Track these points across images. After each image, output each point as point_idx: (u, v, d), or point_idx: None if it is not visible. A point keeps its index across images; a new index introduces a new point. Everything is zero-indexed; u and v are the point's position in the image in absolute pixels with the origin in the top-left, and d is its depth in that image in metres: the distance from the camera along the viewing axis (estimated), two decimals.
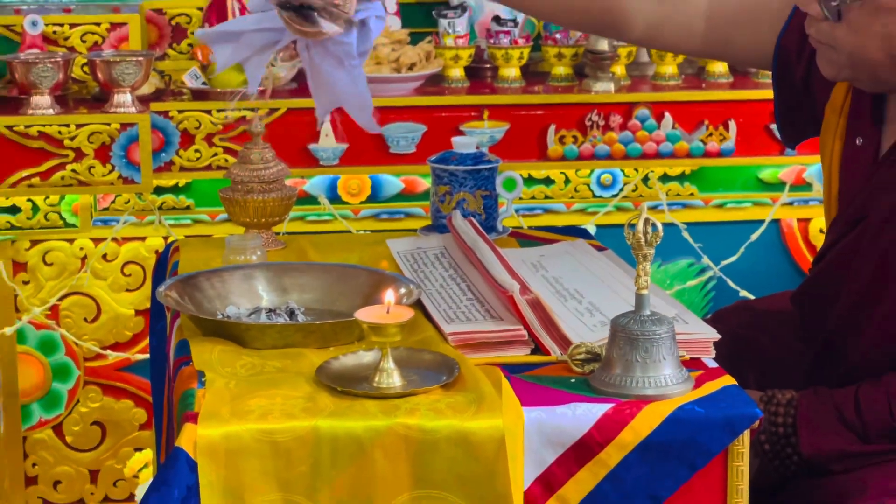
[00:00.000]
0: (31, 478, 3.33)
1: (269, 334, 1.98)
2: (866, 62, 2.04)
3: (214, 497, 1.74)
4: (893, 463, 2.00)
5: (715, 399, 1.83)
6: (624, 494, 1.80)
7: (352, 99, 2.22)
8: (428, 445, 1.76)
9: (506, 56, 3.35)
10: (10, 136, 3.06)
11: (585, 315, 2.03)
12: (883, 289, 2.06)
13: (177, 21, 3.47)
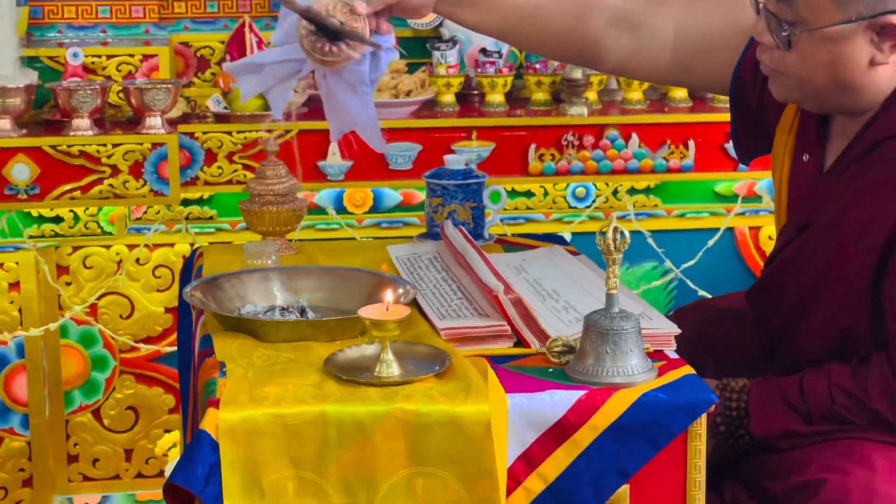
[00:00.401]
0: (73, 456, 3.33)
1: (282, 329, 1.98)
2: (813, 86, 2.04)
3: (234, 473, 1.74)
4: (833, 442, 2.00)
5: (676, 386, 1.83)
6: (596, 470, 1.81)
7: (363, 122, 2.22)
8: (422, 427, 1.76)
9: (492, 84, 3.35)
10: (54, 154, 3.06)
11: (562, 312, 2.03)
12: (825, 288, 2.07)
13: (201, 53, 3.48)
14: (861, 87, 2.02)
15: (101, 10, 3.41)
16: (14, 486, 3.26)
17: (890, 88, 2.02)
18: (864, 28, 1.96)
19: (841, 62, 2.00)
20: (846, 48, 1.98)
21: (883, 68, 2.00)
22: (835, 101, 2.06)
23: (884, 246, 1.97)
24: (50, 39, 3.38)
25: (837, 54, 1.99)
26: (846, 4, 1.95)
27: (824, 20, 1.97)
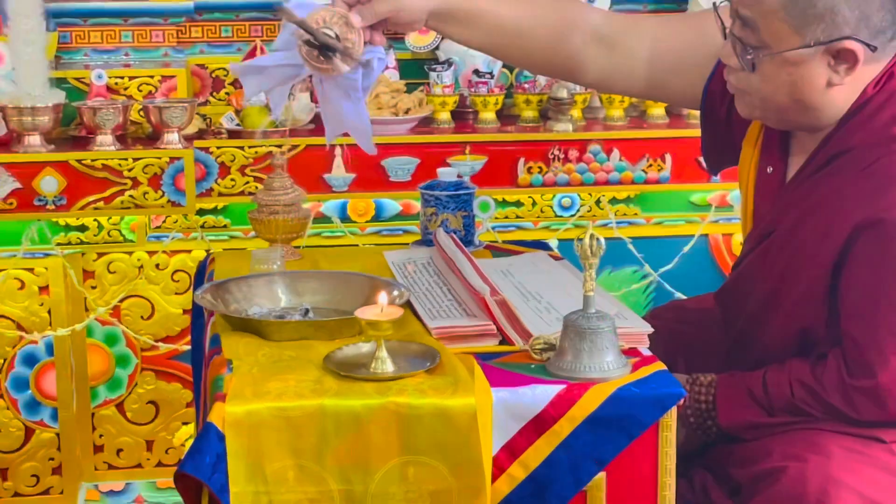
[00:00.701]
0: (98, 446, 3.32)
1: (285, 329, 1.98)
2: (775, 105, 2.04)
3: (239, 462, 1.73)
4: (793, 432, 2.00)
5: (648, 381, 1.83)
6: (574, 459, 1.80)
7: (355, 125, 2.22)
8: (414, 419, 1.76)
9: (484, 102, 3.36)
10: (79, 168, 3.06)
11: (543, 313, 2.03)
12: (786, 290, 2.06)
13: (216, 74, 3.48)
14: (819, 107, 2.02)
15: (124, 34, 3.42)
16: (45, 473, 3.26)
17: (845, 107, 2.02)
18: (821, 52, 1.96)
19: (800, 83, 2.00)
20: (805, 71, 1.98)
21: (838, 89, 1.99)
22: (795, 118, 2.06)
23: (839, 251, 1.97)
24: (77, 62, 3.39)
25: (797, 76, 1.99)
26: (805, 31, 1.95)
27: (785, 45, 1.97)
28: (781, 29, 1.96)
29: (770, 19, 1.97)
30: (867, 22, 1.94)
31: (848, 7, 1.93)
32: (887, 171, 1.94)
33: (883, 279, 1.93)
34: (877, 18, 1.95)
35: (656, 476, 1.84)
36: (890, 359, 1.93)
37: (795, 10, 1.94)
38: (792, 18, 1.95)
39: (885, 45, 1.98)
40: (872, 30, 1.95)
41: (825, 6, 1.93)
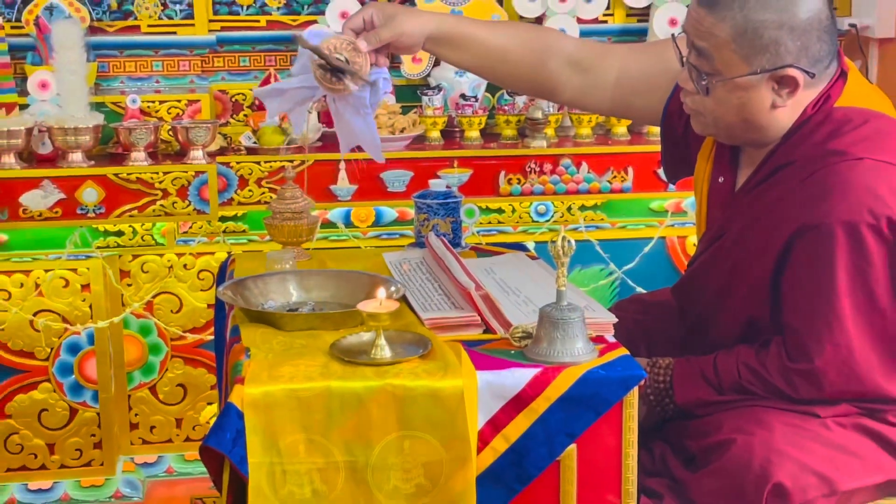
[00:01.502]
0: (134, 424, 3.32)
1: (296, 321, 1.98)
2: (726, 124, 2.04)
3: (256, 437, 1.73)
4: (740, 409, 1.99)
5: (613, 365, 1.83)
6: (549, 433, 1.81)
7: (366, 138, 2.23)
8: (409, 399, 1.76)
9: (469, 122, 3.35)
10: (116, 181, 3.06)
11: (522, 305, 2.02)
12: (734, 285, 2.06)
13: (235, 98, 3.47)
14: (765, 126, 2.02)
15: (155, 64, 3.41)
16: (87, 448, 3.26)
17: (788, 125, 2.02)
18: (766, 78, 1.96)
19: (748, 105, 1.99)
20: (752, 94, 1.98)
21: (782, 110, 1.99)
22: (743, 135, 2.06)
23: (781, 252, 1.97)
24: (114, 88, 3.38)
25: (746, 99, 1.99)
26: (752, 59, 1.95)
27: (735, 72, 1.97)
28: (732, 58, 1.96)
29: (722, 50, 1.96)
30: (807, 52, 1.95)
31: (790, 39, 1.93)
32: (824, 182, 1.93)
33: (819, 277, 1.93)
34: (815, 49, 1.95)
35: (621, 448, 1.84)
36: (825, 346, 1.93)
37: (744, 42, 1.94)
38: (741, 49, 1.95)
39: (823, 72, 1.99)
40: (811, 59, 1.95)
41: (770, 39, 1.93)
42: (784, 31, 1.93)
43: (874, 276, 1.91)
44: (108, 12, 3.37)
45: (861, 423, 1.98)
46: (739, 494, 1.90)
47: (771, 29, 1.93)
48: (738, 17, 1.94)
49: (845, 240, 1.90)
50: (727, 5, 1.95)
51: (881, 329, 1.94)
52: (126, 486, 3.25)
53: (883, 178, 1.91)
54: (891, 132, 2.00)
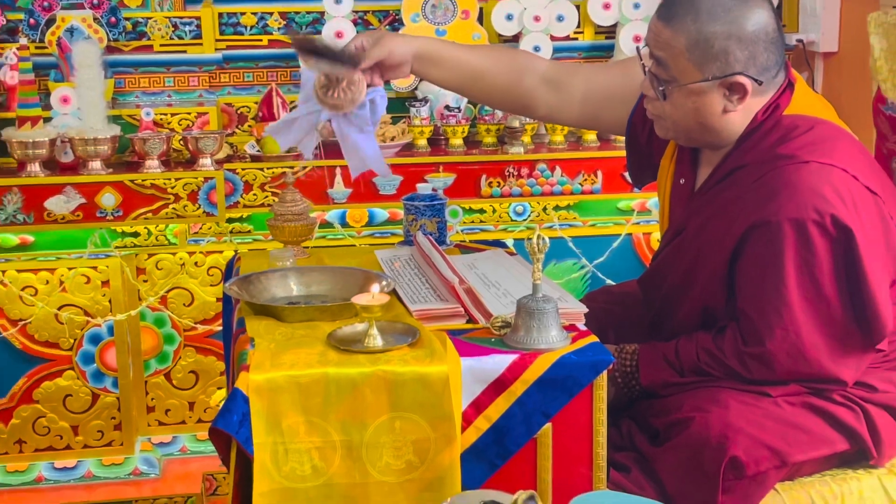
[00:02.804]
0: (151, 407, 3.31)
1: (296, 313, 1.97)
2: (683, 127, 2.04)
3: (260, 419, 1.73)
4: (699, 389, 2.00)
5: (584, 350, 1.83)
6: (526, 412, 1.81)
7: (371, 155, 2.21)
8: (399, 383, 1.76)
9: (453, 131, 3.35)
10: (132, 186, 3.05)
11: (501, 297, 2.02)
12: (693, 277, 2.07)
13: (241, 111, 3.47)
14: (718, 129, 2.02)
15: (167, 80, 3.40)
16: (108, 429, 3.25)
17: (739, 130, 2.02)
18: (717, 85, 1.97)
19: (702, 110, 2.00)
20: (705, 99, 1.99)
21: (733, 114, 2.00)
22: (699, 138, 2.06)
23: (735, 247, 1.97)
24: (129, 102, 3.37)
25: (700, 104, 1.99)
26: (704, 67, 1.95)
27: (689, 79, 1.97)
28: (686, 66, 1.97)
29: (678, 59, 1.97)
30: (755, 61, 1.95)
31: (739, 49, 1.94)
32: (773, 183, 1.94)
33: (769, 269, 1.93)
34: (762, 58, 1.96)
35: (591, 425, 1.84)
36: (775, 330, 1.93)
37: (697, 51, 1.95)
38: (694, 58, 1.96)
39: (771, 81, 1.99)
40: (759, 67, 1.96)
41: (720, 48, 1.94)
42: (732, 41, 1.94)
43: (819, 268, 1.92)
44: (123, 33, 3.36)
45: (809, 402, 1.98)
46: (699, 467, 1.90)
47: (720, 39, 1.94)
48: (691, 29, 1.95)
49: (793, 235, 1.90)
50: (682, 19, 1.96)
51: (827, 316, 1.94)
52: (144, 464, 3.25)
53: (827, 179, 1.92)
54: (835, 137, 2.00)
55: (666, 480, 1.94)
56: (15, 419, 3.21)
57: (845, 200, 1.91)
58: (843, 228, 1.90)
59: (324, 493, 1.75)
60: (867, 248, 1.91)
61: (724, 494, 1.89)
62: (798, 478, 2.03)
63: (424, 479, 1.77)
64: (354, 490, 1.76)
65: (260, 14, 3.51)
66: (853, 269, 1.92)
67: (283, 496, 1.74)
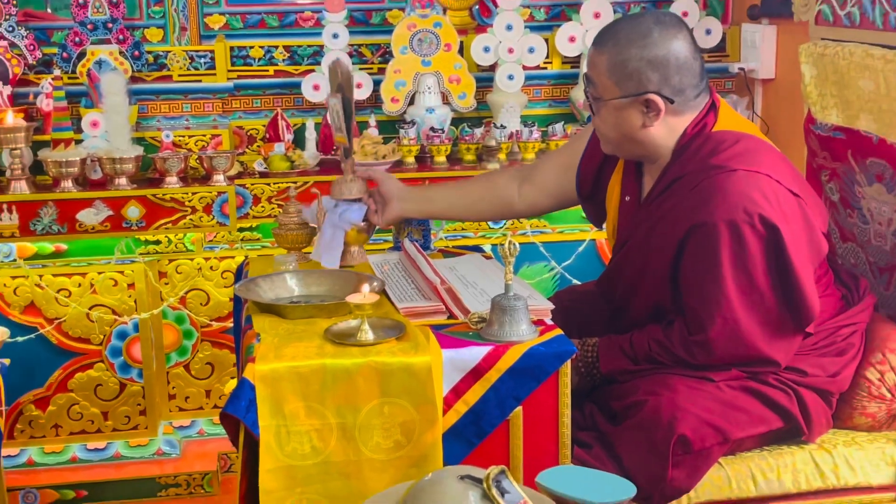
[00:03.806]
0: (172, 395, 3.31)
1: (297, 311, 1.98)
2: (612, 138, 2.06)
3: (265, 405, 1.73)
4: (652, 375, 2.01)
5: (551, 343, 1.84)
6: (500, 397, 1.82)
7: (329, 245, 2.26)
8: (388, 373, 1.76)
9: (438, 149, 3.35)
10: (154, 200, 3.04)
11: (478, 296, 2.03)
12: (642, 279, 2.08)
13: (250, 133, 3.46)
14: (641, 141, 2.03)
15: (185, 106, 3.39)
16: (134, 415, 3.24)
17: (663, 142, 2.03)
18: (633, 101, 1.98)
19: (624, 124, 2.01)
20: (626, 114, 2.00)
21: (653, 129, 2.01)
22: (628, 149, 2.08)
23: (677, 248, 1.98)
24: (151, 126, 3.36)
25: (622, 119, 2.01)
26: (623, 85, 1.98)
27: (610, 95, 2.00)
28: (608, 84, 1.99)
29: (602, 78, 1.99)
30: (667, 82, 1.97)
31: (651, 71, 1.96)
32: (707, 190, 1.95)
33: (708, 265, 1.94)
34: (675, 80, 1.97)
35: (557, 408, 1.85)
36: (716, 319, 1.94)
37: (616, 71, 1.97)
38: (614, 77, 1.97)
39: (688, 102, 2.00)
40: (672, 88, 1.97)
41: (634, 69, 1.96)
42: (644, 63, 1.95)
43: (752, 262, 1.93)
44: (146, 65, 3.36)
45: (747, 385, 1.99)
46: (652, 444, 1.91)
47: (634, 61, 1.95)
48: (612, 52, 1.97)
49: (727, 234, 1.91)
50: (605, 43, 1.98)
51: (760, 304, 1.95)
52: (166, 445, 3.24)
53: (754, 184, 1.93)
54: (758, 149, 2.01)
55: (623, 456, 1.94)
56: (51, 406, 3.20)
57: (771, 202, 1.92)
58: (770, 226, 1.91)
59: (322, 469, 1.76)
60: (793, 242, 1.93)
61: (673, 468, 1.90)
62: (739, 453, 2.05)
63: (410, 457, 1.77)
64: (349, 467, 1.77)
65: (266, 48, 3.50)
66: (782, 262, 1.93)
67: (286, 473, 1.75)
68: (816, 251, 2.00)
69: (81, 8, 3.28)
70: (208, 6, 3.48)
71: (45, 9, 3.39)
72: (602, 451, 1.96)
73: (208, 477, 3.09)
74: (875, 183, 2.34)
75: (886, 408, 2.12)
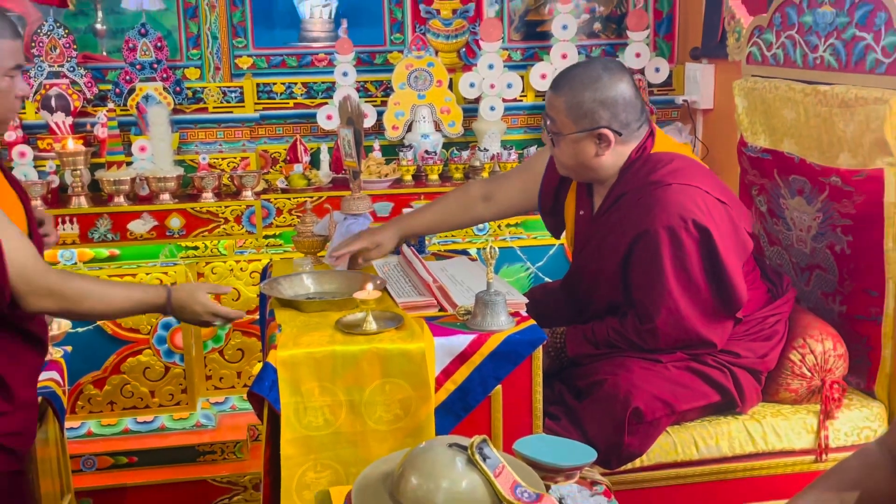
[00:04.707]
0: (208, 376, 3.29)
1: (312, 305, 1.97)
2: (569, 165, 2.06)
3: (285, 385, 1.73)
4: (610, 358, 2.01)
5: (525, 331, 1.84)
6: (482, 377, 1.81)
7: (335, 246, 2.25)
8: (388, 357, 1.76)
9: (431, 169, 3.34)
10: (192, 212, 3.03)
11: (465, 292, 2.02)
12: (597, 281, 2.07)
13: (273, 155, 3.45)
14: (594, 168, 2.03)
15: (218, 133, 3.38)
16: (176, 393, 3.22)
17: (611, 166, 2.03)
18: (588, 135, 1.98)
19: (580, 154, 2.01)
20: (581, 146, 2.00)
21: (604, 158, 2.01)
22: (583, 174, 2.07)
23: (626, 253, 1.98)
24: (191, 150, 3.35)
25: (577, 149, 2.00)
26: (579, 122, 1.97)
27: (568, 130, 1.99)
28: (566, 122, 1.99)
29: (560, 116, 1.99)
30: (616, 118, 1.97)
31: (602, 109, 1.96)
32: (648, 202, 1.95)
33: (652, 265, 1.94)
34: (622, 116, 1.97)
35: (531, 386, 1.85)
36: (661, 310, 1.95)
37: (572, 111, 1.97)
38: (571, 116, 1.98)
39: (632, 133, 2.00)
40: (620, 123, 1.97)
41: (588, 109, 1.96)
42: (597, 103, 1.95)
43: (689, 261, 1.93)
44: (185, 99, 3.35)
45: (689, 365, 2.00)
46: (611, 415, 1.91)
47: (588, 102, 1.95)
48: (568, 94, 1.96)
49: (667, 238, 1.92)
50: (562, 88, 1.98)
51: (698, 296, 1.96)
52: (204, 418, 3.22)
53: (686, 195, 1.93)
54: (689, 166, 2.02)
55: (587, 426, 1.95)
56: (107, 386, 3.19)
57: (702, 209, 1.92)
58: (702, 230, 1.91)
59: (333, 439, 1.76)
60: (722, 242, 1.93)
61: (628, 436, 1.90)
62: (683, 423, 2.05)
63: (407, 428, 1.77)
64: (356, 437, 1.76)
65: (287, 84, 3.50)
66: (713, 259, 1.93)
67: (303, 442, 1.75)
68: (743, 248, 2.01)
69: (131, 51, 3.27)
70: (238, 49, 3.48)
71: (101, 52, 3.38)
72: (569, 423, 1.97)
73: (239, 445, 3.08)
74: (797, 196, 2.35)
75: (807, 384, 2.12)
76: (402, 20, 3.55)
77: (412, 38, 3.46)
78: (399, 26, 3.56)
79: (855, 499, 1.27)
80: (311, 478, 1.74)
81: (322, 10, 3.54)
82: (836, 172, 2.19)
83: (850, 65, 2.19)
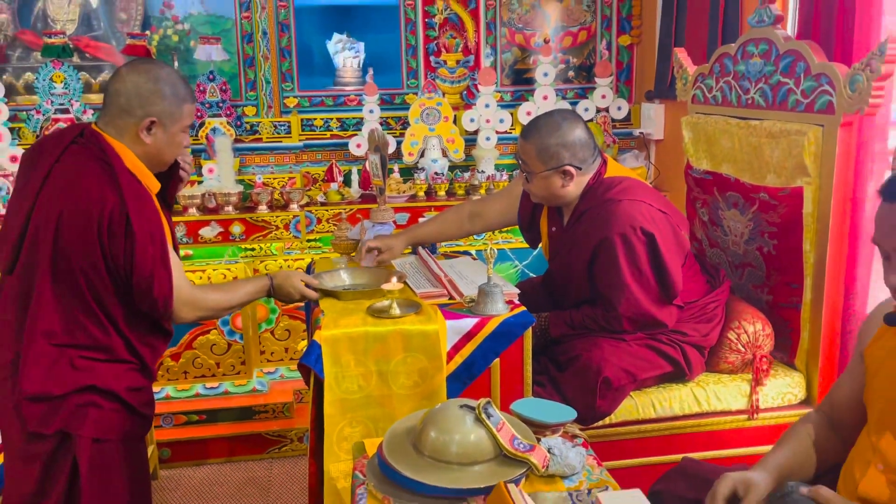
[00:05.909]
0: (262, 351, 3.27)
1: (348, 294, 1.96)
2: (542, 196, 2.03)
3: (327, 358, 1.73)
4: (585, 338, 2.00)
5: (518, 316, 1.83)
6: (484, 352, 1.81)
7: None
8: (409, 336, 1.76)
9: (439, 187, 3.34)
10: (250, 221, 3.03)
11: (469, 284, 2.01)
12: (569, 281, 2.06)
13: (315, 175, 3.45)
14: (561, 196, 2.01)
15: (270, 158, 3.38)
16: (237, 364, 3.20)
17: (576, 193, 2.01)
18: (554, 173, 1.97)
19: (549, 187, 1.99)
20: (550, 181, 1.98)
21: (568, 188, 1.99)
22: (553, 201, 2.05)
23: (590, 258, 1.97)
24: (248, 171, 3.35)
25: (547, 184, 1.99)
26: (546, 162, 1.96)
27: (539, 169, 1.98)
28: (536, 163, 1.97)
29: (531, 159, 1.98)
30: (575, 156, 1.96)
31: (564, 150, 1.95)
32: (605, 216, 1.95)
33: (612, 265, 1.94)
34: (581, 154, 1.96)
35: (522, 359, 1.85)
36: (621, 300, 1.94)
37: (540, 153, 1.95)
38: (539, 157, 1.96)
39: (590, 165, 1.99)
40: (579, 160, 1.97)
41: (553, 151, 1.94)
42: (560, 146, 1.94)
43: (639, 260, 1.93)
44: (245, 131, 3.35)
45: (647, 343, 2.00)
46: (585, 383, 1.91)
47: (553, 147, 1.94)
48: (537, 141, 1.95)
49: (621, 243, 1.92)
50: (531, 136, 1.96)
51: (648, 287, 1.96)
52: (258, 384, 3.22)
53: (635, 208, 1.93)
54: (636, 186, 2.01)
55: (566, 392, 1.95)
56: (182, 359, 3.18)
57: (647, 218, 1.92)
58: (648, 235, 1.91)
59: (365, 401, 1.76)
60: (664, 244, 1.93)
61: (600, 399, 1.91)
62: (643, 389, 2.05)
63: (424, 392, 1.77)
64: (383, 399, 1.76)
65: (325, 119, 3.50)
66: (658, 259, 1.93)
67: (341, 403, 1.75)
68: (681, 248, 2.01)
69: (202, 93, 3.27)
70: (286, 92, 3.48)
71: None
72: (552, 389, 1.96)
73: (287, 406, 3.08)
74: (732, 209, 2.35)
75: (741, 358, 2.12)
76: (417, 69, 3.55)
77: (424, 83, 3.46)
78: (414, 73, 3.56)
79: (808, 456, 1.31)
80: (348, 432, 1.75)
81: (352, 60, 3.55)
82: (765, 189, 2.19)
83: (775, 104, 2.19)
